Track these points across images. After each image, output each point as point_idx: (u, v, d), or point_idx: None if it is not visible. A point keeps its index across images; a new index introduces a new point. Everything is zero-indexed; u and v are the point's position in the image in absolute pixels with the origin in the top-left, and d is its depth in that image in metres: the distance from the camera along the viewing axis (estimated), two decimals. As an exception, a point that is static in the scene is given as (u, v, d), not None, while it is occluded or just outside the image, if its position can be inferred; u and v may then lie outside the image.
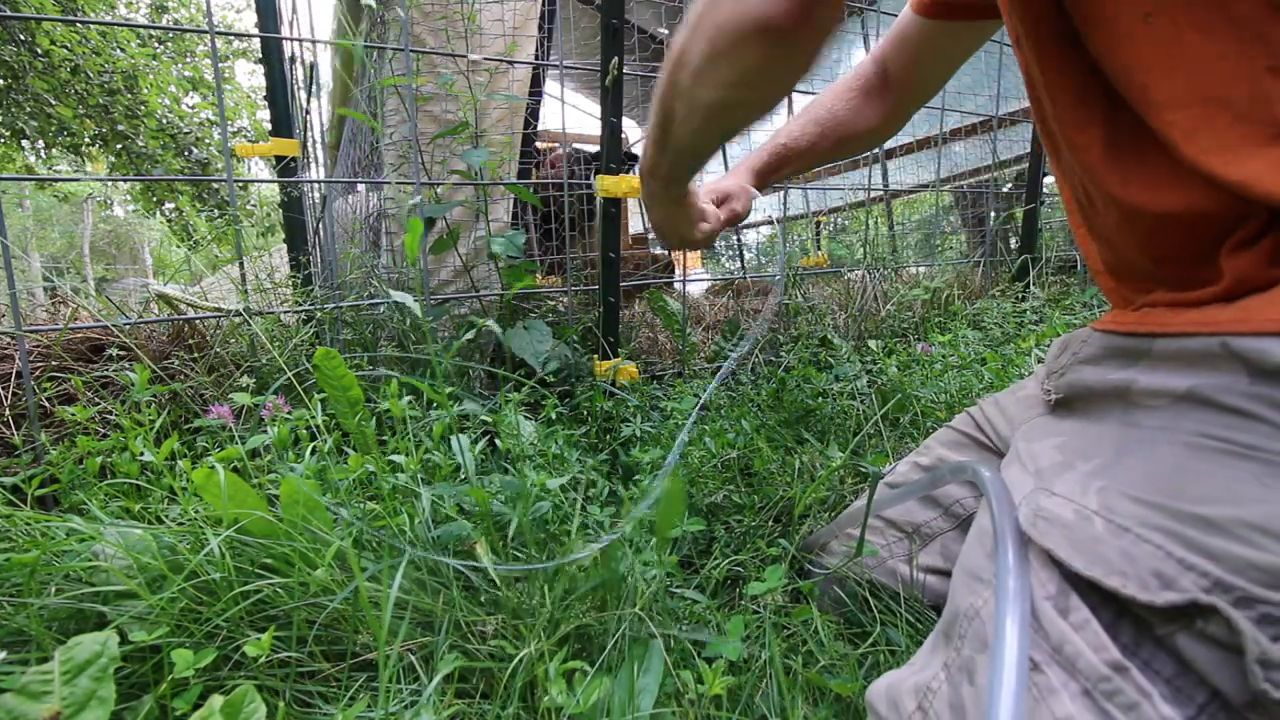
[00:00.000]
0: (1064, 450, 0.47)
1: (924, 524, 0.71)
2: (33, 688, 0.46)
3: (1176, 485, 0.37)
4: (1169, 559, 0.35)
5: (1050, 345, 0.66)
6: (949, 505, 0.70)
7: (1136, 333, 0.46)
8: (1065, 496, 0.42)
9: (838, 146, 0.89)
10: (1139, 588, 0.35)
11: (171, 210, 7.32)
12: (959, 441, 0.73)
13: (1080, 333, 0.55)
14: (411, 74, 1.26)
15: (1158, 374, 0.43)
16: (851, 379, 1.22)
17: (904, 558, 0.70)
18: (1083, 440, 0.47)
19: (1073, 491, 0.42)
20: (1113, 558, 0.37)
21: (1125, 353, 0.47)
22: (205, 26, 1.45)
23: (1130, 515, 0.38)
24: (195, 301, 1.21)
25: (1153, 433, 0.42)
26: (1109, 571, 0.37)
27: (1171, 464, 0.39)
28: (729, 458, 0.94)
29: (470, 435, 0.99)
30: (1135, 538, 0.37)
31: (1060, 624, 0.37)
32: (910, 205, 3.72)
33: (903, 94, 0.86)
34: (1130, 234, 0.47)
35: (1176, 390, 0.41)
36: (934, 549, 0.70)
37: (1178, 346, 0.42)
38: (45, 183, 8.16)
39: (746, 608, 0.70)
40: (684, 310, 1.62)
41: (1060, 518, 0.41)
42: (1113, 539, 0.38)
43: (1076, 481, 0.43)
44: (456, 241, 1.35)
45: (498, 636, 0.61)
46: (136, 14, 7.28)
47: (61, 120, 5.75)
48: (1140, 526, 0.37)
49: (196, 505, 0.68)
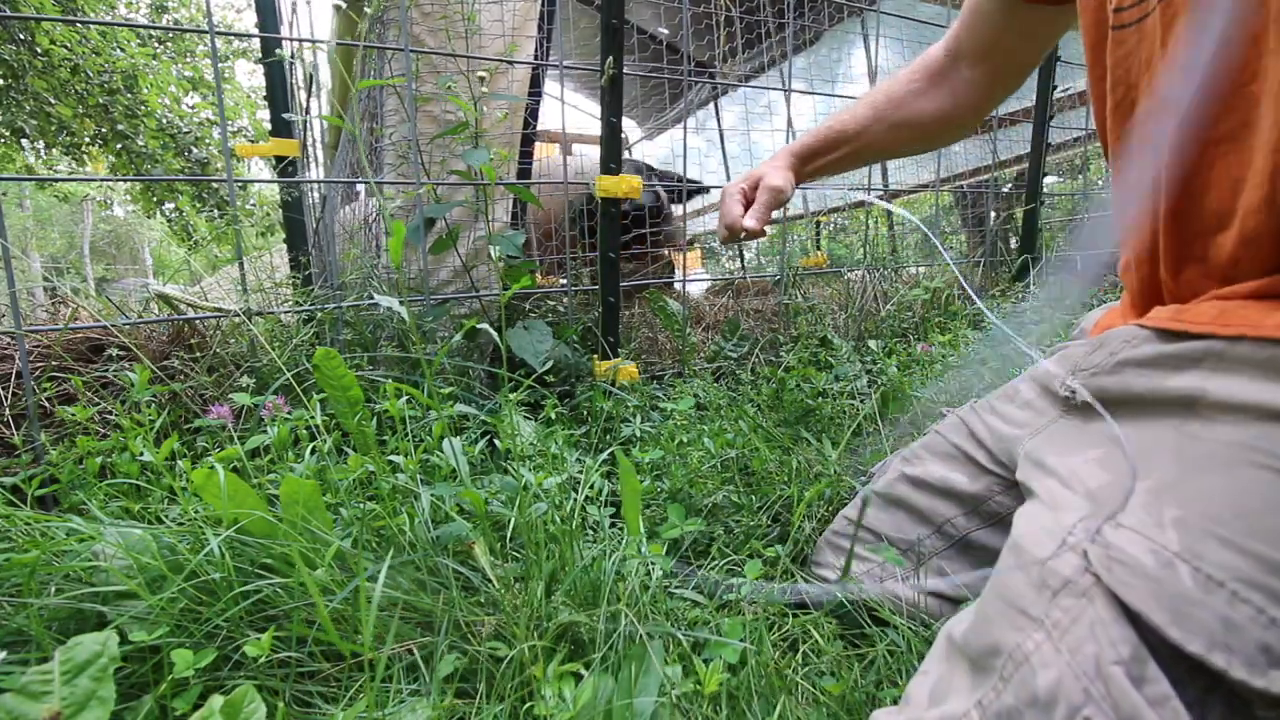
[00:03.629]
0: (1108, 466, 0.42)
1: (918, 541, 0.68)
2: (33, 688, 0.46)
3: (1273, 526, 0.32)
4: (1274, 627, 0.30)
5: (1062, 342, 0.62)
6: (940, 524, 0.67)
7: (1211, 334, 0.40)
8: (1136, 530, 0.36)
9: (891, 133, 0.81)
10: (1246, 668, 0.30)
11: (171, 210, 7.31)
12: (950, 454, 0.68)
13: (1121, 330, 0.50)
14: (411, 74, 1.26)
15: (1235, 383, 0.38)
16: (851, 379, 1.22)
17: (900, 579, 0.67)
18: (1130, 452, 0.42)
19: (1143, 523, 0.36)
20: (1212, 625, 0.31)
21: (1189, 356, 0.41)
22: (205, 26, 1.45)
23: (1221, 564, 0.32)
24: (195, 302, 1.21)
25: (1231, 451, 0.36)
26: (1211, 645, 0.31)
27: (1263, 496, 0.34)
28: (728, 457, 0.94)
29: (470, 435, 0.99)
30: (1231, 596, 0.32)
31: (1133, 696, 0.32)
32: (910, 205, 3.72)
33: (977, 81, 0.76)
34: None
35: (1265, 406, 0.35)
36: (930, 568, 0.67)
37: (1269, 354, 0.37)
38: (45, 183, 8.16)
39: (744, 608, 0.70)
40: (684, 310, 1.62)
41: (1139, 562, 0.34)
42: (1206, 596, 0.32)
43: (1142, 506, 0.37)
44: (456, 241, 1.35)
45: (497, 637, 0.61)
46: (136, 14, 7.28)
47: (61, 120, 5.75)
48: (1236, 581, 0.32)
49: (196, 505, 0.68)
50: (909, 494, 0.70)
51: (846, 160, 0.84)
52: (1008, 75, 0.76)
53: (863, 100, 0.82)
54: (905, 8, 2.46)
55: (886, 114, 0.79)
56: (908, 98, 0.79)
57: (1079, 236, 2.00)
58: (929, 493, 0.68)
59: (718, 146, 4.07)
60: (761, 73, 3.79)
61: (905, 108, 0.79)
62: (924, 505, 0.68)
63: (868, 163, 0.92)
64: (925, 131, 0.81)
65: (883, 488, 0.72)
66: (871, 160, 0.88)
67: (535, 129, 1.68)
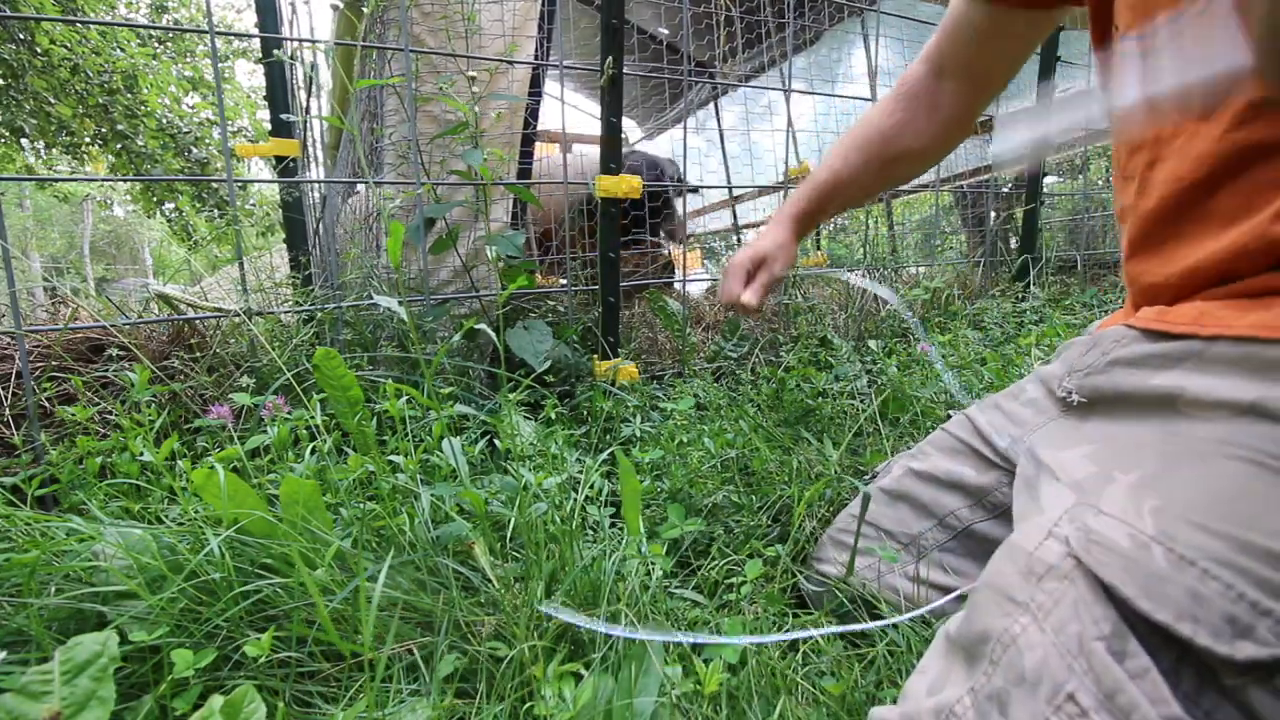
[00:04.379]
0: (1097, 459, 0.43)
1: (920, 535, 0.68)
2: (33, 688, 0.46)
3: (1244, 511, 0.34)
4: (1241, 601, 0.32)
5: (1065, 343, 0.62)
6: (943, 516, 0.67)
7: (1191, 334, 0.42)
8: (1116, 516, 0.38)
9: (887, 170, 0.81)
10: (1211, 636, 0.32)
11: (171, 210, 7.32)
12: (956, 449, 0.69)
13: (1112, 330, 0.51)
14: (411, 74, 1.26)
15: (1212, 381, 0.39)
16: (851, 379, 1.22)
17: (902, 573, 0.68)
18: (1116, 448, 0.43)
19: (1124, 510, 0.38)
20: (1180, 598, 0.33)
21: (1171, 356, 0.43)
22: (205, 26, 1.45)
23: (1193, 545, 0.34)
24: (195, 302, 1.22)
25: (1207, 446, 0.38)
26: (1179, 615, 0.33)
27: (1236, 485, 0.35)
28: (728, 457, 0.94)
29: (470, 435, 0.99)
30: (1201, 573, 0.33)
31: (1115, 670, 0.33)
32: (910, 205, 3.72)
33: (962, 91, 0.76)
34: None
35: (1239, 402, 0.37)
36: (933, 561, 0.67)
37: (1242, 352, 0.38)
38: (45, 183, 8.16)
39: (744, 608, 0.70)
40: (684, 310, 1.62)
41: (1116, 544, 0.36)
42: (1177, 574, 0.34)
43: (1124, 497, 0.38)
44: (456, 241, 1.35)
45: (497, 637, 0.61)
46: (136, 14, 7.28)
47: (61, 120, 5.76)
48: (1206, 559, 0.33)
49: (196, 505, 0.68)
50: (914, 487, 0.70)
51: (846, 206, 0.86)
52: (992, 82, 0.76)
53: (851, 142, 0.81)
54: (905, 8, 2.46)
55: (877, 153, 0.79)
56: (894, 130, 0.78)
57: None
58: (935, 486, 0.69)
59: (718, 146, 4.07)
60: (761, 73, 3.79)
61: (894, 144, 0.79)
62: (928, 498, 0.69)
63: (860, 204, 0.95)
64: (917, 162, 0.82)
65: (888, 484, 0.73)
66: (862, 202, 0.89)
67: (535, 129, 1.68)
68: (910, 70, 0.79)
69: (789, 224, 0.84)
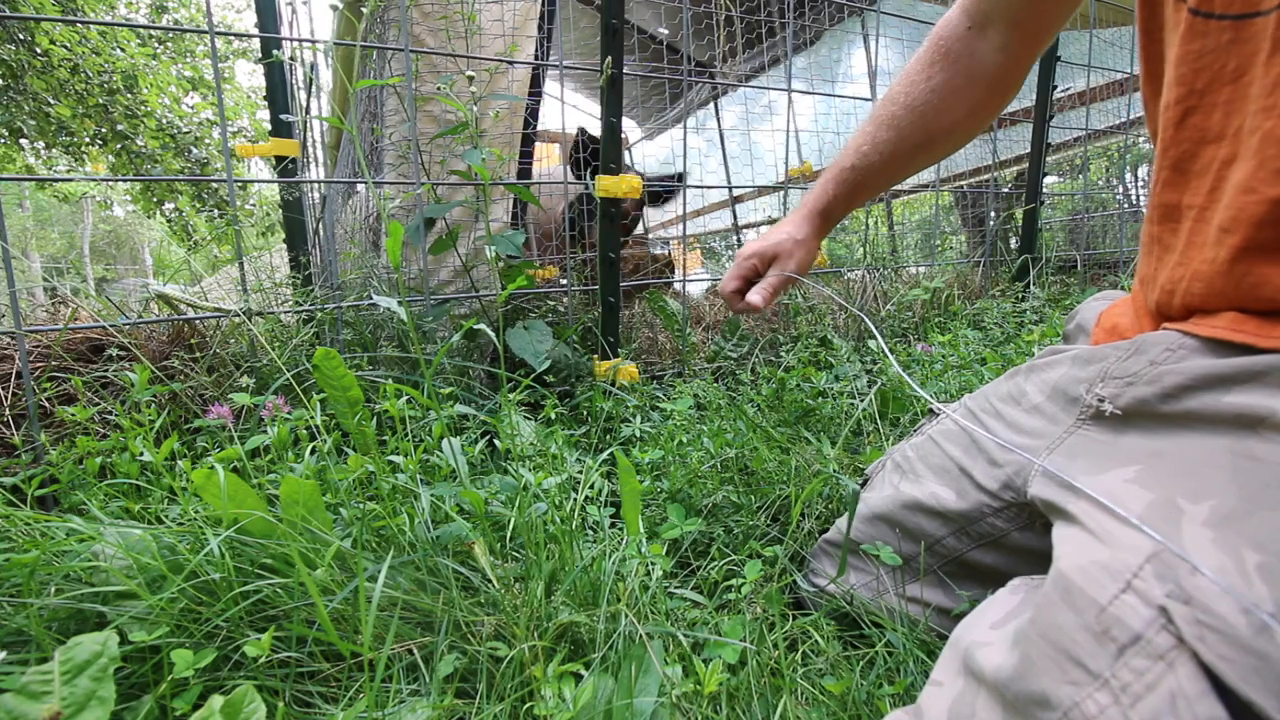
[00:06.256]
0: (1147, 484, 0.37)
1: (911, 558, 0.65)
2: (33, 688, 0.46)
3: None
4: None
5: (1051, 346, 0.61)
6: (931, 545, 0.64)
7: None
8: (1217, 578, 0.31)
9: (926, 147, 0.70)
10: None
11: (171, 210, 7.32)
12: (944, 468, 0.64)
13: (1160, 336, 0.45)
14: (411, 74, 1.26)
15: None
16: (851, 379, 1.22)
17: (896, 592, 0.65)
18: (1171, 468, 0.37)
19: (1223, 568, 0.31)
20: None
21: (1251, 372, 0.37)
22: (205, 26, 1.45)
23: None
24: (195, 302, 1.22)
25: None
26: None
27: None
28: (727, 457, 0.94)
29: (470, 435, 0.99)
30: None
31: None
32: (910, 205, 3.72)
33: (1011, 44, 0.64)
34: None
35: None
36: (931, 580, 0.65)
37: None
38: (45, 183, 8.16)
39: (744, 608, 0.70)
40: (684, 310, 1.62)
41: (1230, 626, 0.29)
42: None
43: (1214, 545, 0.32)
44: (456, 241, 1.35)
45: (497, 637, 0.61)
46: (136, 14, 7.28)
47: (61, 120, 5.76)
48: None
49: (196, 505, 0.68)
50: (900, 514, 0.67)
51: (875, 193, 0.75)
52: (1043, 31, 0.65)
53: (880, 118, 0.71)
54: (905, 8, 2.46)
55: (913, 129, 0.69)
56: (932, 97, 0.68)
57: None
58: (920, 513, 0.65)
59: (718, 146, 4.07)
60: (761, 73, 3.79)
61: (932, 114, 0.68)
62: (912, 525, 0.65)
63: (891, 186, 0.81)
64: (967, 126, 0.70)
65: (879, 505, 0.68)
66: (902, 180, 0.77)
67: (535, 129, 1.68)
68: (944, 25, 0.68)
69: (813, 219, 0.75)
